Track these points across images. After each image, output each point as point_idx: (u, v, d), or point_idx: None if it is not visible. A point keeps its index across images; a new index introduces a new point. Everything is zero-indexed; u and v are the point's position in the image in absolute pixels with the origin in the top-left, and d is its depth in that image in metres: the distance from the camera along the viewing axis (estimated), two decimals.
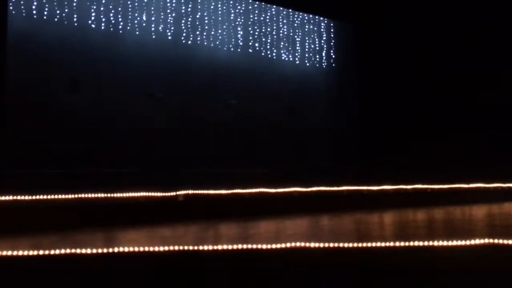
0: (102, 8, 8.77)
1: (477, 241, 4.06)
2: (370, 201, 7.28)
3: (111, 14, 8.88)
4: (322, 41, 11.92)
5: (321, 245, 3.90)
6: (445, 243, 4.00)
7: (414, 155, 10.16)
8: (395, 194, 7.60)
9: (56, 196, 4.99)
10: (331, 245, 3.92)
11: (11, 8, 7.74)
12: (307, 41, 11.64)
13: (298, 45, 11.47)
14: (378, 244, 3.97)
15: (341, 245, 3.93)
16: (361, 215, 6.56)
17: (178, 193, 5.73)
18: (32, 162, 7.40)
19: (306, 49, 11.62)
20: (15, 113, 7.54)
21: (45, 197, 4.95)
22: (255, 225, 5.64)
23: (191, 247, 3.76)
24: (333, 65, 12.00)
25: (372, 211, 6.79)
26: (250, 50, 10.65)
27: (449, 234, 5.08)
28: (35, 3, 8.07)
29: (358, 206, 7.02)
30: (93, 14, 8.67)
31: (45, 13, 8.17)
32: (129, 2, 9.07)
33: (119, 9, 8.96)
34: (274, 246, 3.85)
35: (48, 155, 7.68)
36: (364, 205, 7.10)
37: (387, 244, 3.99)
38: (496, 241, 4.07)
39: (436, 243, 3.99)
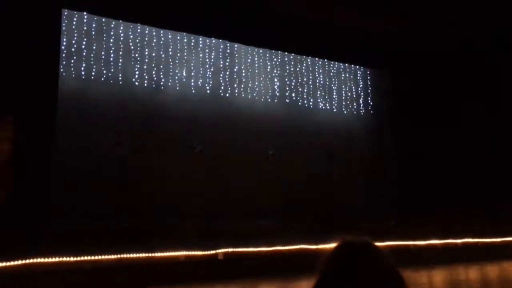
0: (145, 67, 9.21)
1: None
2: (417, 257, 6.89)
3: (153, 72, 9.30)
4: (359, 89, 11.91)
5: None
6: None
7: (456, 202, 9.64)
8: (444, 249, 7.17)
9: (97, 257, 5.05)
10: None
11: (61, 70, 8.28)
12: (344, 89, 11.67)
13: (334, 93, 11.50)
14: None
15: None
16: (408, 273, 6.21)
17: (218, 251, 5.66)
18: (78, 217, 7.54)
19: (343, 97, 11.63)
20: (64, 164, 7.80)
21: (87, 258, 5.01)
22: (296, 284, 5.46)
23: None
24: (371, 111, 11.91)
25: (420, 269, 6.43)
26: (287, 100, 10.77)
27: None
28: (84, 65, 8.60)
29: (404, 263, 6.65)
30: (137, 72, 9.11)
31: (93, 73, 8.68)
32: (170, 60, 9.49)
33: (161, 66, 9.38)
34: None
35: (94, 208, 7.83)
36: (411, 262, 6.72)
37: None
38: None
39: None
